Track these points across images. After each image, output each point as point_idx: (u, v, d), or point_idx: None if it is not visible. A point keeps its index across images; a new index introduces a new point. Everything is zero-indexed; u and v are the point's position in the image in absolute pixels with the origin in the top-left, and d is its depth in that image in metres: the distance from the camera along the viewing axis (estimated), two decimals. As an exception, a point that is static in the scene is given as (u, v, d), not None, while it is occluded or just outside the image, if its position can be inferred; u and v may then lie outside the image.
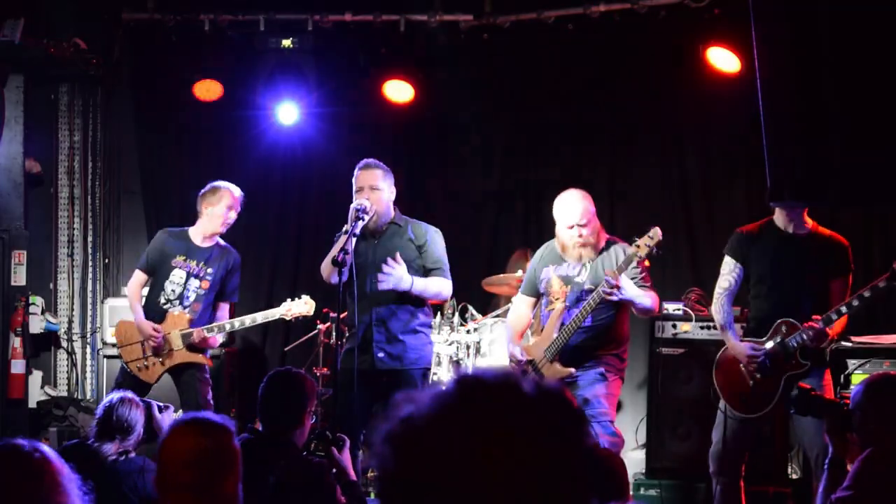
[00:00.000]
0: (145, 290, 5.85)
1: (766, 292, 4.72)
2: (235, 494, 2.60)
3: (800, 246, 4.67)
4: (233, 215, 5.71)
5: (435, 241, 5.06)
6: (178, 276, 5.63)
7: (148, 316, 5.62)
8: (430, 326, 5.21)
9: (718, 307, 4.82)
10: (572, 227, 4.80)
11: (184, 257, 5.66)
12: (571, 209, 4.81)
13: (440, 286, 4.97)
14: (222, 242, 5.81)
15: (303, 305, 5.70)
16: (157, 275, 5.71)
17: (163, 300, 5.64)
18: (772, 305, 4.68)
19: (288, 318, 5.77)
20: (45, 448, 2.24)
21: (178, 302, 5.62)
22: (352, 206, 4.86)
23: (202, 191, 5.79)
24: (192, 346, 5.57)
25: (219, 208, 5.68)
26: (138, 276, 5.79)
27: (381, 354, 4.89)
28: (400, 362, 4.93)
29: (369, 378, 4.88)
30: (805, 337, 4.46)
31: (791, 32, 3.45)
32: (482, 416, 1.12)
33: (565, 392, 1.15)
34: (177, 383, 5.64)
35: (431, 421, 1.14)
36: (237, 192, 5.76)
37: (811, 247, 4.66)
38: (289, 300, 5.77)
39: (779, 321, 4.60)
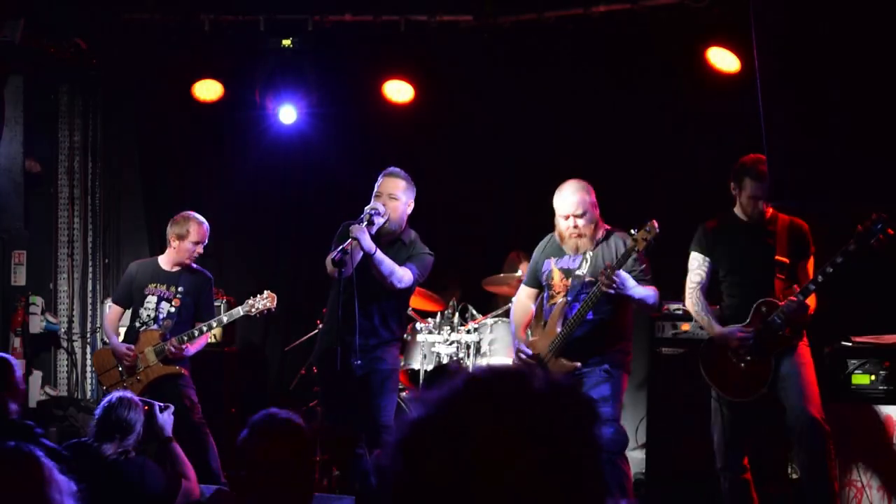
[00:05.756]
0: (126, 320, 6.10)
1: (738, 281, 4.81)
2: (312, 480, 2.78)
3: (762, 232, 4.77)
4: (200, 249, 5.90)
5: (422, 256, 5.05)
6: (150, 301, 5.90)
7: (130, 341, 5.89)
8: (402, 339, 5.36)
9: (695, 300, 4.88)
10: (568, 217, 4.80)
11: (155, 284, 5.92)
12: (568, 199, 4.80)
13: (395, 268, 4.87)
14: (194, 265, 5.99)
15: (265, 300, 5.83)
16: (133, 304, 5.98)
17: (138, 324, 5.91)
18: (745, 293, 4.76)
19: (253, 314, 5.87)
20: (37, 450, 2.25)
21: (152, 323, 5.87)
22: (367, 207, 4.84)
23: (173, 218, 5.95)
24: (167, 359, 5.78)
25: (185, 243, 5.87)
26: (114, 309, 6.11)
27: (358, 362, 4.89)
28: (371, 365, 4.96)
29: (348, 381, 4.87)
30: (786, 311, 4.55)
31: (791, 32, 3.45)
32: (488, 413, 1.12)
33: (576, 387, 1.15)
34: (160, 395, 5.69)
35: (438, 422, 1.14)
36: (204, 225, 5.90)
37: (773, 232, 4.76)
38: (251, 297, 5.87)
39: (758, 303, 4.68)
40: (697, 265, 4.91)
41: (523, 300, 5.14)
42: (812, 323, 4.75)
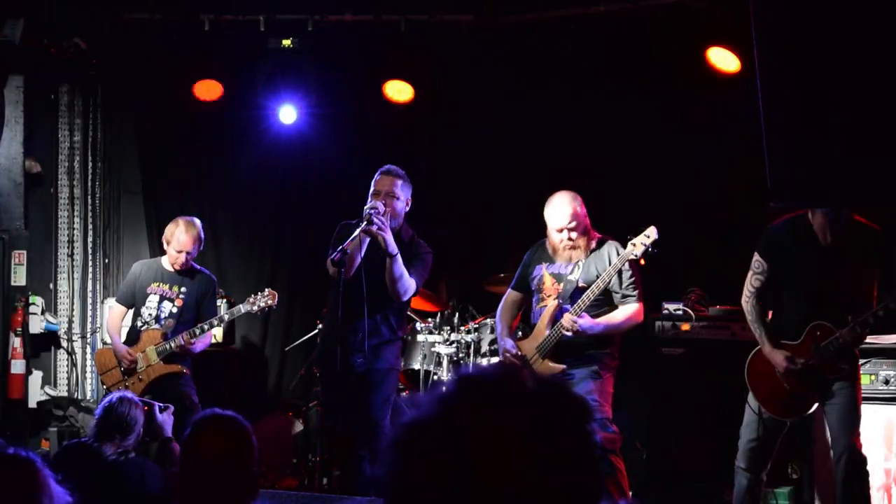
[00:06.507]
0: (128, 320, 6.11)
1: (797, 296, 4.57)
2: (254, 475, 2.77)
3: (834, 247, 4.48)
4: (182, 258, 5.87)
5: (423, 257, 5.05)
6: (152, 301, 5.93)
7: (132, 341, 5.90)
8: (403, 339, 5.30)
9: (750, 308, 4.64)
10: (561, 230, 4.82)
11: (157, 283, 5.95)
12: (559, 213, 4.82)
13: (408, 278, 4.90)
14: (196, 266, 6.02)
15: (266, 298, 5.87)
16: (136, 304, 6.00)
17: (140, 324, 5.93)
18: (804, 308, 4.53)
19: (254, 311, 5.91)
20: (34, 456, 2.27)
21: (154, 322, 5.89)
22: (366, 206, 4.83)
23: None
24: (167, 359, 5.81)
25: (169, 248, 5.91)
26: (116, 308, 6.14)
27: (359, 360, 4.89)
28: (371, 362, 4.96)
29: (348, 378, 4.88)
30: (841, 343, 4.37)
31: (791, 32, 3.44)
32: (488, 414, 1.12)
33: (571, 387, 1.15)
34: (161, 394, 5.70)
35: (436, 423, 1.14)
36: (190, 234, 5.85)
37: (845, 246, 4.47)
38: (253, 295, 5.90)
39: (812, 325, 4.47)
40: (758, 269, 4.63)
41: (509, 304, 5.17)
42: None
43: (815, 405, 4.55)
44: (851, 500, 4.48)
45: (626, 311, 4.76)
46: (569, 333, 4.62)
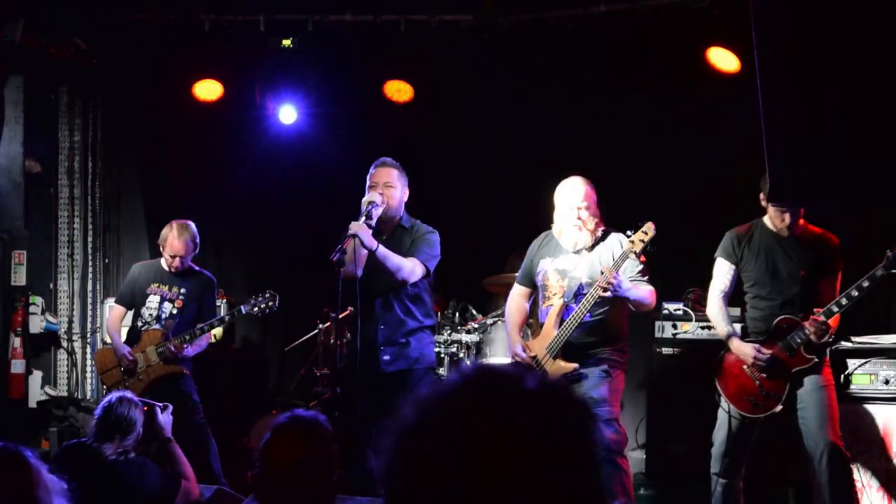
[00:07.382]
0: (129, 321, 6.13)
1: (763, 294, 4.78)
2: (332, 482, 2.74)
3: (792, 247, 4.74)
4: (177, 262, 5.89)
5: (426, 238, 5.02)
6: (153, 301, 5.94)
7: (132, 341, 5.92)
8: (432, 327, 5.15)
9: (716, 310, 4.88)
10: (572, 208, 4.79)
11: (157, 284, 5.96)
12: (573, 191, 4.81)
13: (402, 262, 4.82)
14: (195, 267, 6.03)
15: (267, 300, 5.87)
16: (136, 304, 6.02)
17: (140, 324, 5.95)
18: (769, 306, 4.74)
19: (254, 313, 5.91)
20: (25, 450, 2.27)
21: (154, 323, 5.91)
22: (363, 200, 4.84)
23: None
24: (167, 359, 5.81)
25: (165, 252, 5.94)
26: (116, 309, 6.15)
27: (386, 357, 4.87)
28: (405, 362, 4.91)
29: (375, 379, 4.85)
30: (808, 332, 4.49)
31: (791, 32, 3.44)
32: (488, 414, 1.12)
33: (571, 387, 1.15)
34: (161, 394, 5.71)
35: (437, 423, 1.14)
36: (183, 238, 5.86)
37: (803, 247, 4.72)
38: (254, 296, 5.91)
39: (778, 319, 4.66)
40: (723, 273, 4.91)
41: (517, 299, 5.12)
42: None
43: (781, 406, 4.62)
44: (839, 499, 4.50)
45: (647, 287, 4.75)
46: (608, 293, 4.53)
